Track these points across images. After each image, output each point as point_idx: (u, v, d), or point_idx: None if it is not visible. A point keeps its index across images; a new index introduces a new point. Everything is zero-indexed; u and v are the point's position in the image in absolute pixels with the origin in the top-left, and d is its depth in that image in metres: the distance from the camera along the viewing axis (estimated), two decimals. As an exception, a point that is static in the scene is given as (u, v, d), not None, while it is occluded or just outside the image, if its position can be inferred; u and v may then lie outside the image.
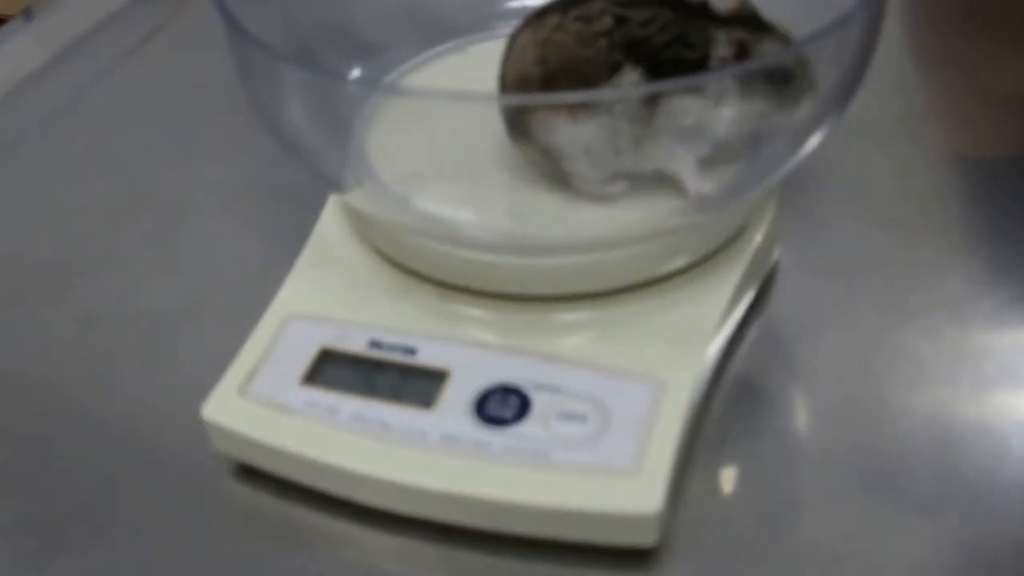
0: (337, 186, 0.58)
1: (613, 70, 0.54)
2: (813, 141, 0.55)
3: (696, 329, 0.54)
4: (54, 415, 0.60)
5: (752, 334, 0.60)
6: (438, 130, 0.51)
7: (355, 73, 0.64)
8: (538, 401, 0.52)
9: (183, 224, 0.71)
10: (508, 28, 0.58)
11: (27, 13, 0.91)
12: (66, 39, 0.89)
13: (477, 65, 0.61)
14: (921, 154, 0.71)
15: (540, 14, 0.55)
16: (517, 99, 0.54)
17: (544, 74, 0.54)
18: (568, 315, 0.55)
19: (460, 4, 0.67)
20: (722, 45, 0.54)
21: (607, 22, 0.54)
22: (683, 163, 0.55)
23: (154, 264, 0.68)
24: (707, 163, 0.56)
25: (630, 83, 0.54)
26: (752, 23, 0.55)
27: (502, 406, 0.52)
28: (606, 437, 0.50)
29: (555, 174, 0.56)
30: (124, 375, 0.61)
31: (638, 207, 0.56)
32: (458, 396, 0.52)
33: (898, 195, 0.68)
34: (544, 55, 0.54)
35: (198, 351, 0.61)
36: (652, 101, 0.53)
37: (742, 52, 0.54)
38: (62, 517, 0.55)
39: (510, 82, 0.56)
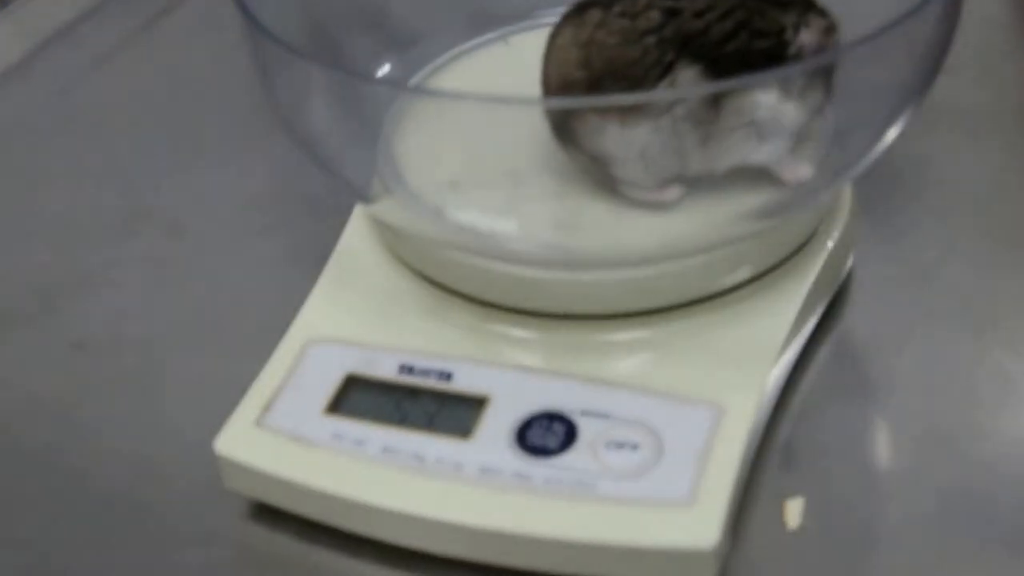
0: (364, 195, 0.64)
1: (665, 70, 0.59)
2: (889, 135, 0.61)
3: (759, 349, 0.60)
4: (45, 450, 0.65)
5: (823, 351, 0.65)
6: (475, 133, 0.57)
7: (385, 68, 0.70)
8: (585, 428, 0.57)
9: (187, 237, 0.77)
10: (551, 17, 0.64)
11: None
12: (51, 28, 0.95)
13: (519, 56, 0.67)
14: (1017, 153, 0.76)
15: (581, 8, 0.61)
16: (559, 102, 0.59)
17: (589, 78, 0.60)
18: (618, 335, 0.61)
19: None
20: (800, 31, 0.59)
21: (654, 17, 0.59)
22: (771, 153, 0.60)
23: (156, 283, 0.74)
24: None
25: (687, 82, 0.59)
26: (811, 5, 0.60)
27: (546, 434, 0.57)
28: (659, 466, 0.56)
29: (605, 180, 0.61)
30: (124, 406, 0.67)
31: (696, 215, 0.61)
32: (498, 424, 0.58)
33: (990, 199, 0.74)
34: (587, 57, 0.60)
35: (205, 380, 0.67)
36: (717, 99, 0.59)
37: (825, 36, 0.59)
38: (63, 567, 0.60)
39: (554, 86, 0.61)
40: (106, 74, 0.91)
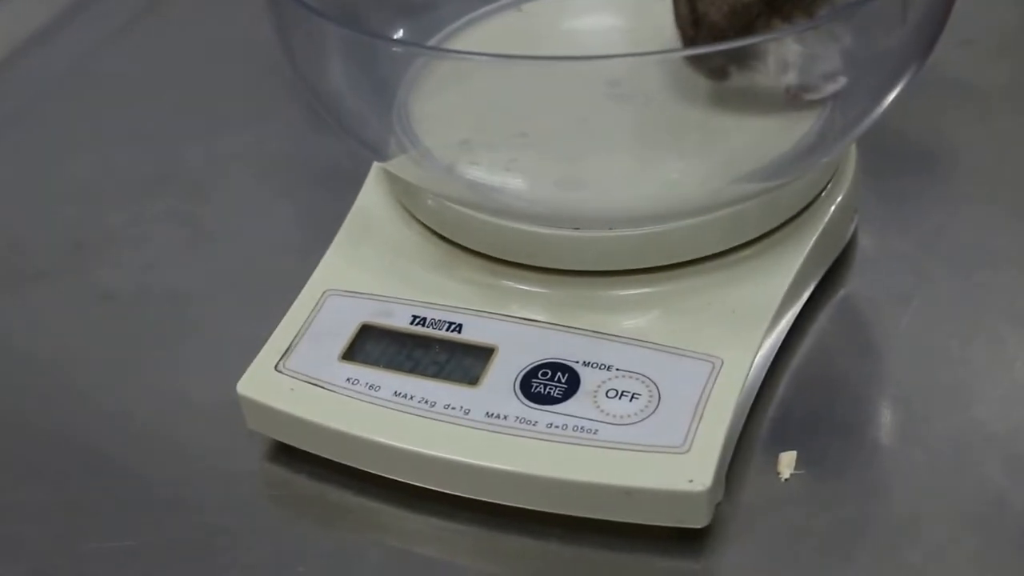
0: (379, 153, 0.70)
1: None
2: (890, 97, 0.66)
3: (757, 307, 0.65)
4: (76, 397, 0.71)
5: (826, 313, 0.70)
6: (487, 94, 0.63)
7: (400, 33, 0.76)
8: (587, 378, 0.63)
9: (211, 197, 0.83)
10: None
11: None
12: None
13: (532, 23, 0.74)
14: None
15: None
16: (562, 61, 0.63)
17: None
18: (623, 291, 0.66)
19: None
20: None
21: None
22: None
23: (179, 240, 0.80)
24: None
25: None
26: None
27: (550, 383, 0.63)
28: (657, 415, 0.61)
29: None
30: (149, 355, 0.73)
31: (700, 176, 0.66)
32: (505, 373, 0.64)
33: (996, 170, 0.79)
34: None
35: (228, 330, 0.73)
36: None
37: None
38: (89, 501, 0.66)
39: (722, 17, 0.67)
40: (129, 41, 0.97)
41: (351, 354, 0.65)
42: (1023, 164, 0.79)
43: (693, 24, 0.68)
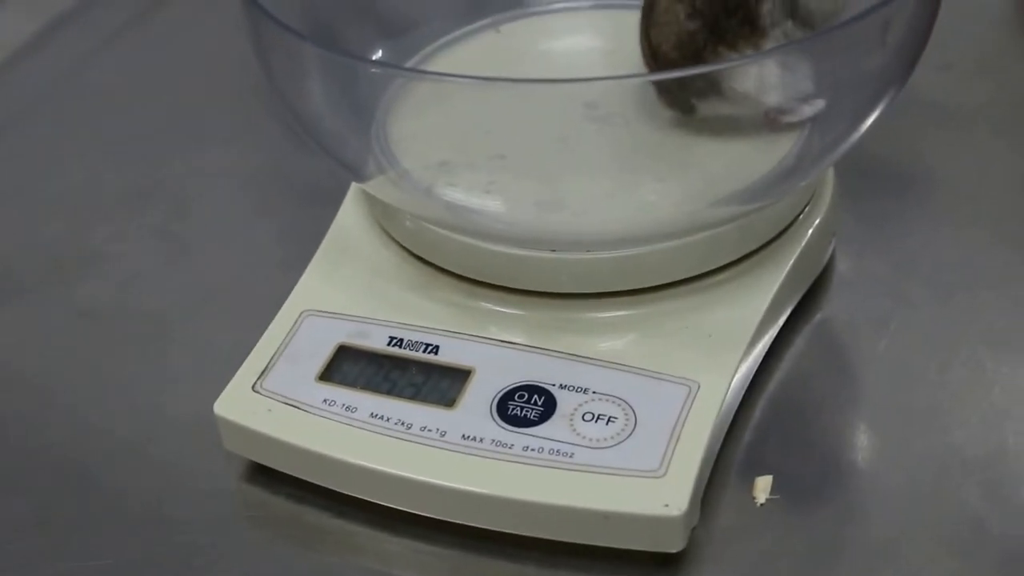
0: (358, 174, 0.70)
1: None
2: (867, 122, 0.66)
3: (734, 330, 0.65)
4: (54, 413, 0.71)
5: (803, 335, 0.71)
6: (465, 116, 0.63)
7: (379, 53, 0.76)
8: (563, 401, 0.63)
9: (193, 213, 0.83)
10: (541, 6, 0.72)
11: (17, -22, 1.03)
12: (59, 9, 1.01)
13: (510, 44, 0.74)
14: (1008, 148, 0.82)
15: None
16: (542, 82, 0.62)
17: (706, 21, 0.66)
18: (601, 313, 0.66)
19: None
20: None
21: None
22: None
23: (162, 256, 0.80)
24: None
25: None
26: None
27: (526, 406, 0.63)
28: (633, 438, 0.61)
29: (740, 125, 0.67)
30: (129, 371, 0.73)
31: (678, 199, 0.66)
32: (481, 395, 0.64)
33: (975, 194, 0.79)
34: (694, 5, 0.66)
35: (208, 348, 0.73)
36: None
37: None
38: (66, 518, 0.66)
39: (671, 48, 0.67)
40: (113, 56, 0.97)
41: (328, 375, 0.65)
42: (1001, 187, 0.79)
43: (652, 57, 0.68)
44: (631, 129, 0.68)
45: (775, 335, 0.69)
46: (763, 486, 0.64)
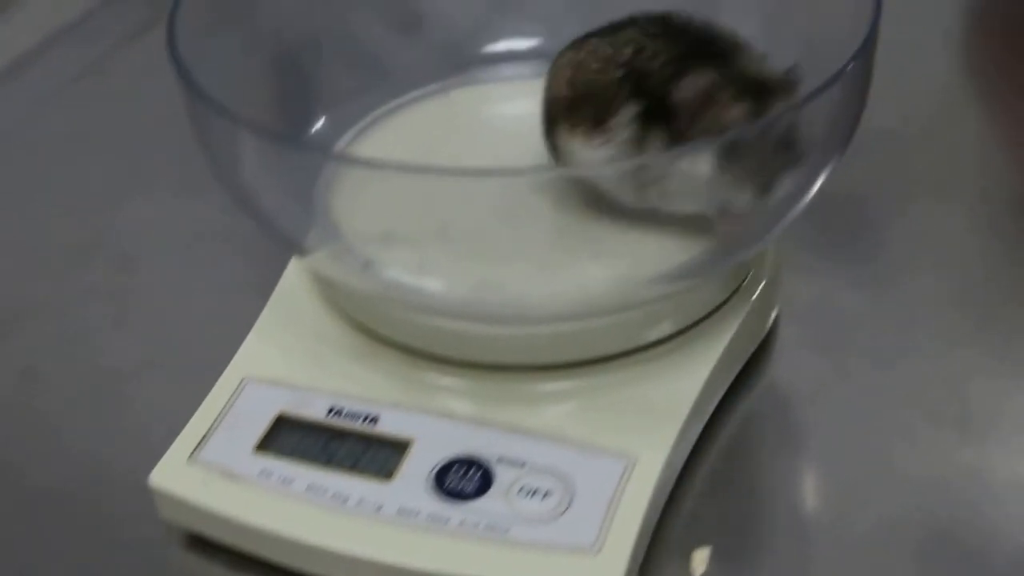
0: (296, 248, 0.70)
1: (624, 101, 0.66)
2: (808, 195, 0.66)
3: (672, 403, 0.65)
4: (-10, 472, 0.71)
5: (744, 404, 0.71)
6: (405, 191, 0.63)
7: (322, 121, 0.76)
8: (501, 475, 0.63)
9: (137, 269, 0.83)
10: (489, 72, 0.73)
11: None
12: (7, 59, 1.01)
13: (457, 110, 0.75)
14: (951, 214, 0.82)
15: (587, 36, 0.68)
16: (464, 171, 0.61)
17: (571, 96, 0.67)
18: (539, 386, 0.66)
19: (438, 49, 0.80)
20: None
21: (628, 51, 0.66)
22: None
23: (105, 314, 0.80)
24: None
25: (627, 117, 0.65)
26: (755, 88, 0.65)
27: (463, 479, 0.63)
28: (569, 514, 0.61)
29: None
30: (68, 434, 0.73)
31: (617, 274, 0.66)
32: (418, 468, 0.63)
33: (918, 258, 0.79)
34: (574, 77, 0.67)
35: (149, 411, 0.73)
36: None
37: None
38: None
39: (545, 100, 0.69)
40: (61, 106, 0.97)
41: (266, 445, 0.65)
42: (944, 254, 0.80)
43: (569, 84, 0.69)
44: (570, 209, 0.68)
45: (716, 405, 0.69)
46: (701, 559, 0.64)
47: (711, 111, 0.64)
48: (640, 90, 0.65)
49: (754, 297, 0.70)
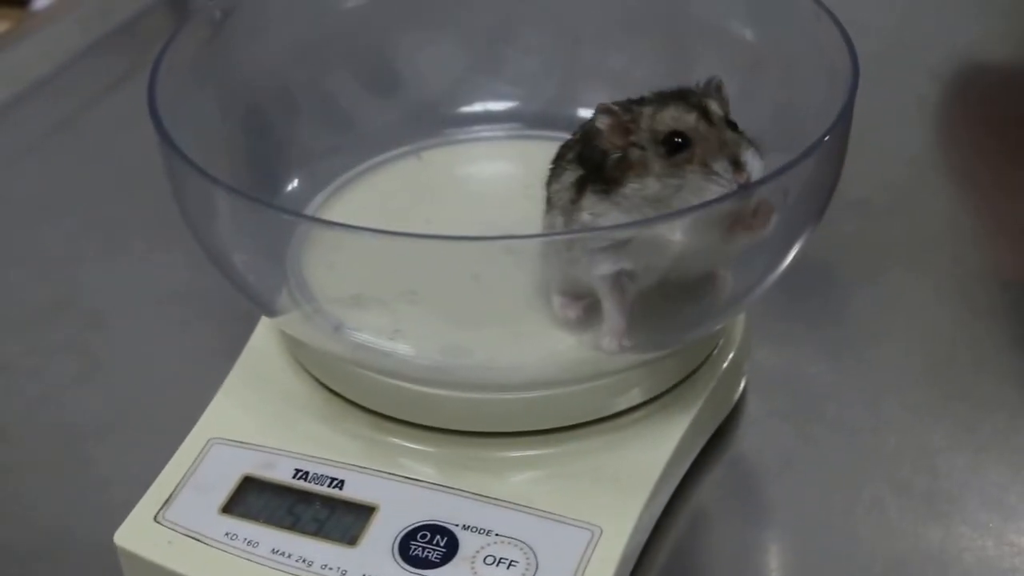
0: (267, 309, 0.69)
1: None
2: (781, 266, 0.66)
3: (639, 473, 0.65)
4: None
5: (711, 475, 0.70)
6: (375, 255, 0.62)
7: (295, 183, 0.75)
8: (466, 543, 0.62)
9: (106, 328, 0.82)
10: (465, 134, 0.74)
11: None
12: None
13: (431, 171, 0.75)
14: (921, 286, 0.82)
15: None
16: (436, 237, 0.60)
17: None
18: (506, 452, 0.66)
19: (413, 109, 0.80)
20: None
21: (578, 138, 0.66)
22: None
23: (72, 372, 0.79)
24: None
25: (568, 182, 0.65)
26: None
27: (428, 547, 0.62)
28: (534, 584, 0.61)
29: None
30: (32, 493, 0.72)
31: (585, 344, 0.66)
32: (384, 533, 0.63)
33: (889, 332, 0.79)
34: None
35: (115, 471, 0.72)
36: None
37: None
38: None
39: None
40: (34, 162, 0.96)
41: (231, 507, 0.64)
42: (913, 324, 0.80)
43: None
44: (539, 276, 0.67)
45: (683, 475, 0.68)
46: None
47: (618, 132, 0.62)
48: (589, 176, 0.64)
49: (723, 367, 0.70)
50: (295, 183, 0.76)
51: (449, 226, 0.60)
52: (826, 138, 0.61)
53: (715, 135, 0.60)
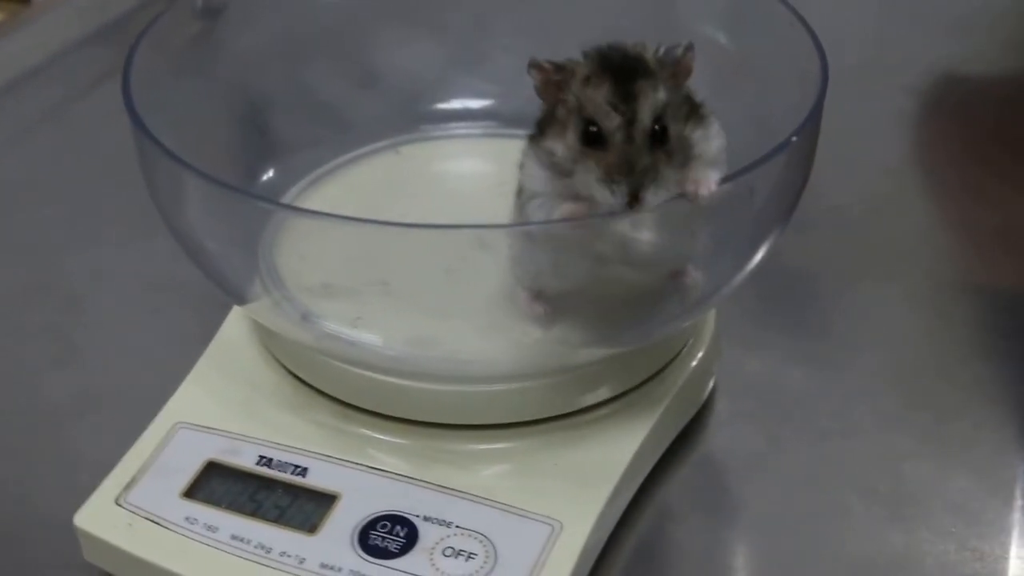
0: (237, 297, 0.68)
1: None
2: (749, 265, 0.65)
3: (602, 469, 0.63)
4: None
5: (677, 474, 0.69)
6: (344, 243, 0.61)
7: (270, 173, 0.74)
8: (426, 534, 0.61)
9: (83, 313, 0.81)
10: (441, 130, 0.74)
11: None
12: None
13: (407, 166, 0.74)
14: (893, 296, 0.81)
15: None
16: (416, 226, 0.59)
17: None
18: (470, 445, 0.65)
19: (392, 105, 0.79)
20: None
21: None
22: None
23: (48, 356, 0.78)
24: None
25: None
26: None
27: (389, 536, 0.61)
28: (491, 577, 0.60)
29: None
30: (2, 472, 0.71)
31: (553, 338, 0.65)
32: (344, 522, 0.62)
33: (859, 337, 0.78)
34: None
35: (85, 453, 0.71)
36: None
37: None
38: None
39: None
40: (20, 150, 0.95)
41: (193, 492, 0.63)
42: (884, 333, 0.79)
43: None
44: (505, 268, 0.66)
45: (648, 473, 0.67)
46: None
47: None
48: None
49: (691, 366, 0.69)
50: (270, 174, 0.76)
51: (423, 221, 0.59)
52: (793, 138, 0.60)
53: (629, 154, 0.56)
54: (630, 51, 0.58)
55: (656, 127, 0.56)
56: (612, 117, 0.56)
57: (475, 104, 0.79)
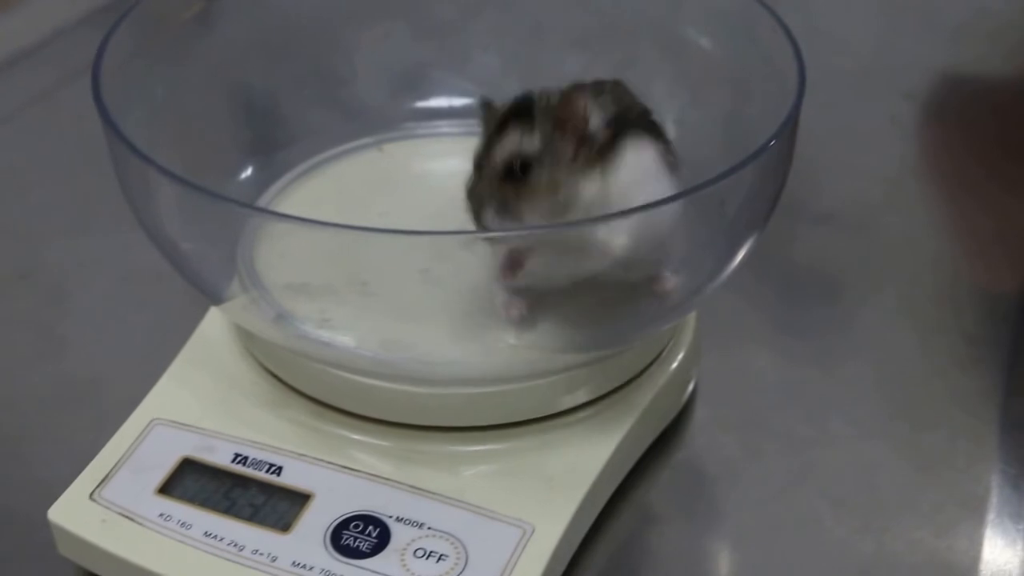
0: (213, 296, 0.68)
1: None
2: (728, 269, 0.65)
3: (576, 473, 0.64)
4: None
5: (653, 480, 0.69)
6: (317, 245, 0.61)
7: (249, 171, 0.74)
8: (398, 534, 0.61)
9: (66, 302, 0.81)
10: (425, 128, 0.74)
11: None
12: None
13: (389, 164, 0.74)
14: (880, 306, 0.81)
15: None
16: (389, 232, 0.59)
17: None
18: (444, 447, 0.65)
19: (372, 103, 0.79)
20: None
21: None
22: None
23: (29, 345, 0.78)
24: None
25: None
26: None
27: (360, 536, 0.61)
28: (461, 579, 0.60)
29: None
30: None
31: (530, 342, 0.65)
32: (317, 521, 0.62)
33: (841, 347, 0.78)
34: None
35: (62, 447, 0.71)
36: None
37: None
38: None
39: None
40: (8, 133, 0.96)
41: (168, 489, 0.64)
42: (867, 341, 0.79)
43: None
44: (485, 273, 0.66)
45: (624, 477, 0.67)
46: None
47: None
48: None
49: (670, 371, 0.69)
50: (251, 170, 0.75)
51: (404, 220, 0.59)
52: (771, 143, 0.60)
53: (477, 185, 0.62)
54: (526, 102, 0.63)
55: (514, 167, 0.61)
56: (479, 156, 0.63)
57: (458, 102, 0.79)
